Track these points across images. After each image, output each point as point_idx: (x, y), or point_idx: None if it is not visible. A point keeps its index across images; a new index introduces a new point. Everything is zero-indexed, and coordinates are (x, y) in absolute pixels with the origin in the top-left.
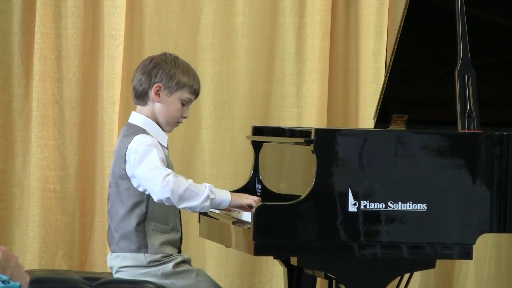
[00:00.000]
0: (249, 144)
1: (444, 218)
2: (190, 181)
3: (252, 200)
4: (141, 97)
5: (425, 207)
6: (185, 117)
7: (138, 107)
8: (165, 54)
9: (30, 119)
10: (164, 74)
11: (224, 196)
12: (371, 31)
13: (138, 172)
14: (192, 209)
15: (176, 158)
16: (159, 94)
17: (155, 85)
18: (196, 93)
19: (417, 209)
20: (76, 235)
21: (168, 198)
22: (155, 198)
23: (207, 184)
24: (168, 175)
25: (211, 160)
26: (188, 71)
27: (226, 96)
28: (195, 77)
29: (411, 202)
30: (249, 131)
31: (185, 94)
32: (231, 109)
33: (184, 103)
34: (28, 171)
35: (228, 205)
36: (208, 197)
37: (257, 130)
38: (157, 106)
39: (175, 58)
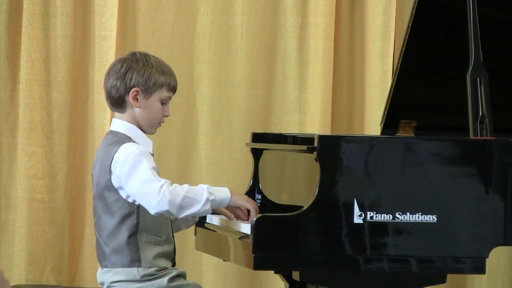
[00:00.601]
0: (248, 151)
1: (455, 230)
2: (186, 186)
3: (251, 205)
4: (118, 104)
5: (435, 219)
6: (166, 116)
7: (117, 114)
8: (134, 54)
9: (16, 125)
10: (139, 76)
11: (224, 194)
12: (378, 32)
13: (130, 187)
14: (194, 215)
15: (170, 166)
16: (137, 99)
17: (132, 90)
18: (174, 89)
19: (426, 220)
20: (65, 247)
21: (167, 210)
22: (152, 211)
23: (204, 186)
24: (162, 186)
25: (208, 168)
26: (162, 68)
27: (224, 100)
28: (171, 74)
29: (420, 213)
30: (248, 138)
31: (163, 93)
32: (229, 114)
33: (164, 102)
34: (14, 180)
35: (228, 204)
36: (207, 200)
37: (256, 137)
38: (137, 111)
39: (146, 56)
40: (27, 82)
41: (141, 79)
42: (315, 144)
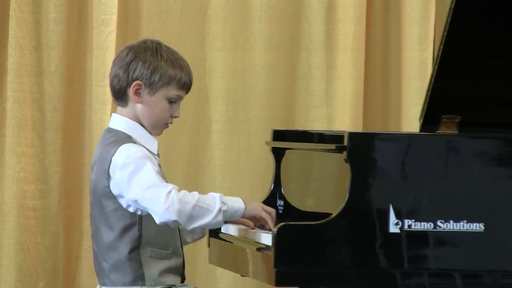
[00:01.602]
0: (268, 151)
1: (505, 240)
2: (196, 194)
3: (267, 215)
4: (119, 96)
5: (482, 227)
6: (176, 117)
7: (119, 108)
8: (145, 41)
9: (3, 122)
10: (144, 68)
11: (237, 205)
12: (416, 15)
13: (131, 194)
14: (204, 227)
15: (179, 169)
16: (139, 93)
17: (134, 83)
18: (186, 87)
19: (472, 229)
20: (60, 262)
21: (175, 221)
22: (158, 220)
23: (216, 194)
24: (170, 192)
25: (222, 171)
26: (174, 61)
27: (240, 93)
28: (183, 68)
29: (465, 221)
30: (268, 136)
31: (171, 91)
32: (246, 109)
33: (173, 101)
34: (2, 185)
35: (242, 215)
36: (220, 210)
37: (278, 135)
38: (139, 107)
39: (158, 45)
40: (16, 73)
41: (145, 72)
42: (345, 143)
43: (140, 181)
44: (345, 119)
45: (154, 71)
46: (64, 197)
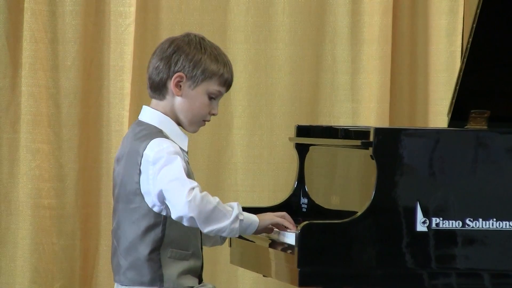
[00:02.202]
0: (292, 147)
1: None
2: (217, 199)
3: (280, 219)
4: (158, 89)
5: None
6: (214, 114)
7: (154, 101)
8: (188, 35)
9: (18, 118)
10: (187, 60)
11: (252, 218)
12: (444, 7)
13: (158, 185)
14: (219, 232)
15: (200, 166)
16: (180, 86)
17: (175, 75)
18: (227, 84)
19: (502, 227)
20: (76, 262)
21: (192, 217)
22: (175, 215)
23: (234, 203)
24: (193, 188)
25: (244, 168)
26: (217, 56)
27: (263, 88)
28: (226, 64)
29: (494, 219)
30: (292, 132)
31: (213, 86)
32: (269, 104)
33: (213, 97)
34: (16, 183)
35: (257, 229)
36: (237, 217)
37: (302, 130)
38: (178, 100)
39: (202, 40)
40: (31, 67)
41: (188, 64)
42: (371, 139)
43: (166, 173)
44: (371, 114)
45: (196, 64)
46: (80, 196)
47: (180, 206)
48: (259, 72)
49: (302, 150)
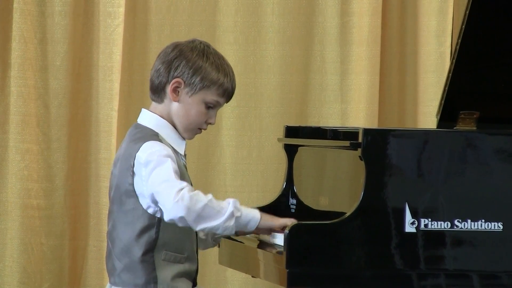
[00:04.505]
0: (281, 148)
1: None
2: (210, 196)
3: (285, 221)
4: (157, 92)
5: (501, 226)
6: (210, 123)
7: (153, 103)
8: (193, 41)
9: (7, 118)
10: (187, 67)
11: (252, 214)
12: (433, 7)
13: (149, 187)
14: (212, 230)
15: (189, 167)
16: (178, 92)
17: (174, 80)
18: (227, 94)
19: (491, 228)
20: (65, 263)
21: (182, 217)
22: (166, 217)
23: (231, 199)
24: (182, 189)
25: (233, 168)
26: (219, 65)
27: (252, 88)
28: (227, 74)
29: (483, 220)
30: (281, 133)
31: (211, 95)
32: (258, 104)
33: (210, 106)
34: (5, 183)
35: (257, 226)
36: (232, 214)
37: (291, 131)
38: (175, 106)
39: (206, 47)
40: (20, 67)
41: (188, 71)
42: (360, 140)
43: (157, 175)
44: (360, 114)
45: (196, 71)
46: (69, 196)
47: (169, 208)
48: (248, 73)
49: (291, 150)
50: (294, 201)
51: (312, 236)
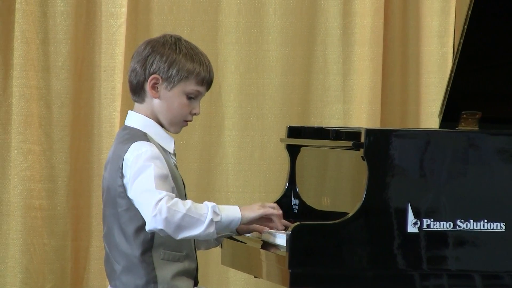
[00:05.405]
0: (283, 148)
1: None
2: (189, 203)
3: (267, 210)
4: (137, 92)
5: (503, 227)
6: (195, 114)
7: (136, 104)
8: (164, 36)
9: (9, 118)
10: (161, 61)
11: (232, 214)
12: (435, 8)
13: (132, 194)
14: (194, 238)
15: (191, 167)
16: (157, 88)
17: (151, 77)
18: (206, 82)
19: (493, 229)
20: (67, 263)
21: (161, 230)
22: (147, 227)
23: (209, 204)
24: (160, 200)
25: (236, 169)
26: (193, 55)
27: (254, 89)
28: (203, 63)
29: (485, 221)
30: (283, 133)
31: (190, 86)
32: (260, 105)
33: (192, 97)
34: (7, 184)
35: (240, 223)
36: (211, 221)
37: (293, 131)
38: (156, 103)
39: (177, 40)
40: (22, 68)
41: (163, 65)
42: (362, 140)
43: (138, 183)
44: (362, 115)
45: (171, 65)
46: (72, 196)
47: (149, 221)
48: (251, 73)
49: (293, 151)
50: (297, 202)
51: (314, 237)
